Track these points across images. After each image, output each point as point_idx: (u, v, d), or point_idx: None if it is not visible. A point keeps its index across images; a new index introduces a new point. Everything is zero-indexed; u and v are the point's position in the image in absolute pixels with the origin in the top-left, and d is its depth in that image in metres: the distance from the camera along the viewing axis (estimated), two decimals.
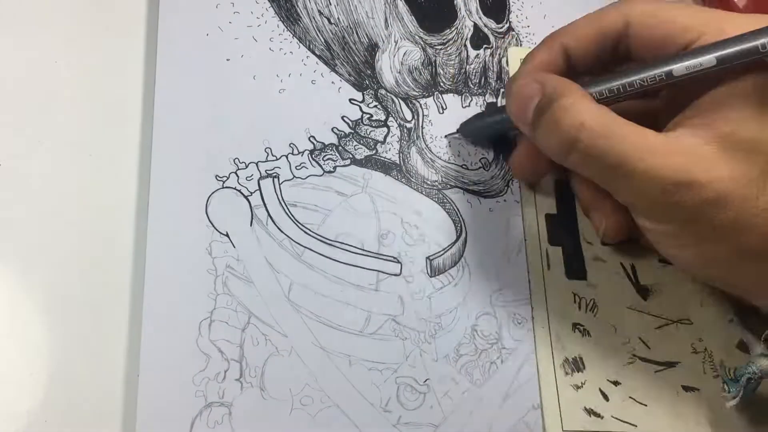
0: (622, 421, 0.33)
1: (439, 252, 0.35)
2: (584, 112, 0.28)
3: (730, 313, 0.34)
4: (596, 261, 0.36)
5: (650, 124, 0.29)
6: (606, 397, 0.33)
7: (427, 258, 0.35)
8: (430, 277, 0.35)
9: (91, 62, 0.37)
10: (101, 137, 0.35)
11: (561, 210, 0.37)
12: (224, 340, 0.32)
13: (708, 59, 0.28)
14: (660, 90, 0.32)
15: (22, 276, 0.32)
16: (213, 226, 0.34)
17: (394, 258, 0.35)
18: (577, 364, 0.33)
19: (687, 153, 0.27)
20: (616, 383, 0.33)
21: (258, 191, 0.35)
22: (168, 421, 0.30)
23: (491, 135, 0.38)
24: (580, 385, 0.33)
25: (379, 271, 0.34)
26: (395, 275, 0.34)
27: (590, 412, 0.33)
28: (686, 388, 0.34)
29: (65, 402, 0.30)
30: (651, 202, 0.28)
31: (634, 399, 0.33)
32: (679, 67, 0.29)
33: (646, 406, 0.33)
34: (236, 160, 0.35)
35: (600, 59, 0.32)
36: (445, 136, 0.38)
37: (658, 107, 0.33)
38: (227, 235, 0.34)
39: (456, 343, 0.33)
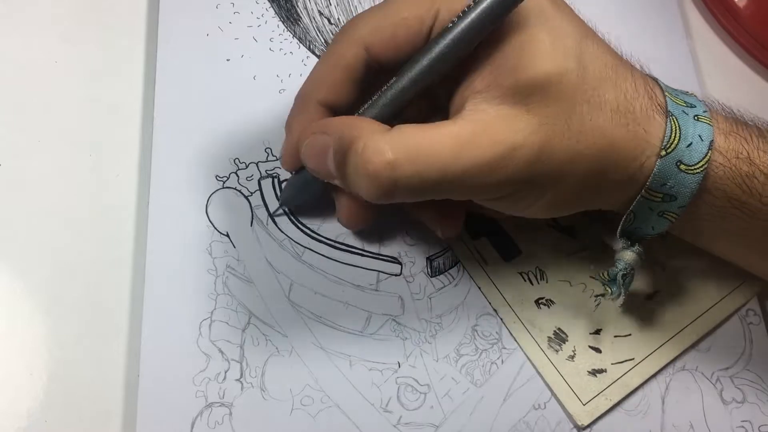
0: (620, 362, 0.33)
1: (439, 252, 0.35)
2: (383, 148, 0.26)
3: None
4: (518, 229, 0.36)
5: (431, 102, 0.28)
6: (598, 350, 0.34)
7: (428, 258, 0.35)
8: (431, 277, 0.35)
9: (91, 62, 0.37)
10: (101, 137, 0.35)
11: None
12: (225, 341, 0.32)
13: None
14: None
15: (22, 276, 0.32)
16: (213, 226, 0.34)
17: (395, 258, 0.35)
18: (559, 336, 0.34)
19: (490, 124, 0.26)
20: (597, 332, 0.34)
21: (258, 191, 0.35)
22: (168, 421, 0.30)
23: (313, 197, 0.34)
24: (573, 353, 0.33)
25: (379, 271, 0.34)
26: (395, 275, 0.34)
27: (594, 372, 0.33)
28: (648, 296, 0.35)
29: (65, 402, 0.30)
30: (487, 186, 0.27)
31: (618, 336, 0.34)
32: (446, 44, 0.27)
33: (630, 335, 0.34)
34: (236, 161, 0.35)
35: (360, 91, 0.31)
36: (273, 216, 0.35)
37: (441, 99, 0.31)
38: (227, 235, 0.34)
39: (456, 343, 0.33)
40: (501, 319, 0.34)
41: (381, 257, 0.35)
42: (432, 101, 0.31)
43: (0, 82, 0.36)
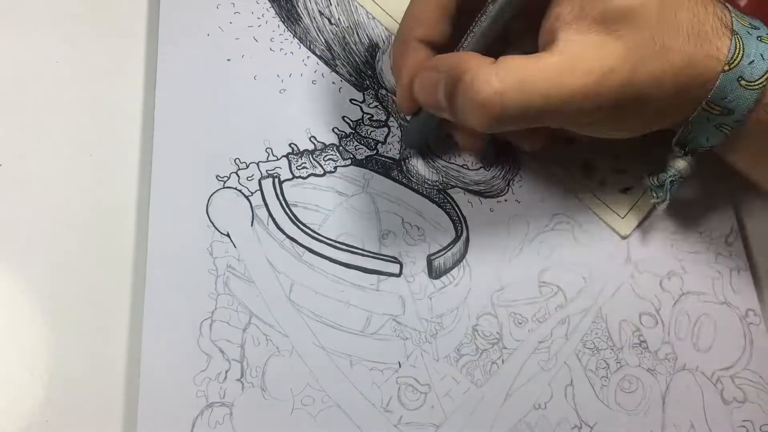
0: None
1: (439, 252, 0.35)
2: (491, 79, 0.28)
3: None
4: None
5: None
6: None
7: (428, 258, 0.35)
8: (431, 277, 0.35)
9: (91, 62, 0.37)
10: (102, 137, 0.35)
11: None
12: (225, 340, 0.32)
13: None
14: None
15: (22, 276, 0.32)
16: (214, 226, 0.34)
17: (395, 258, 0.35)
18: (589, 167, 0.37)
19: (584, 52, 0.28)
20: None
21: (259, 191, 0.35)
22: (169, 421, 0.30)
23: (432, 135, 0.37)
24: (602, 181, 0.37)
25: (379, 271, 0.34)
26: (396, 275, 0.34)
27: (624, 190, 0.37)
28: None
29: (66, 402, 0.30)
30: (584, 112, 0.29)
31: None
32: None
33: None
34: (237, 160, 0.35)
35: (455, 29, 0.33)
36: (403, 160, 0.37)
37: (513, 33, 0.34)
38: (228, 235, 0.34)
39: (457, 343, 0.33)
40: None
41: (381, 257, 0.35)
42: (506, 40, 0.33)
43: (0, 82, 0.36)
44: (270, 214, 0.35)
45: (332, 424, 0.31)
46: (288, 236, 0.34)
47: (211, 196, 0.35)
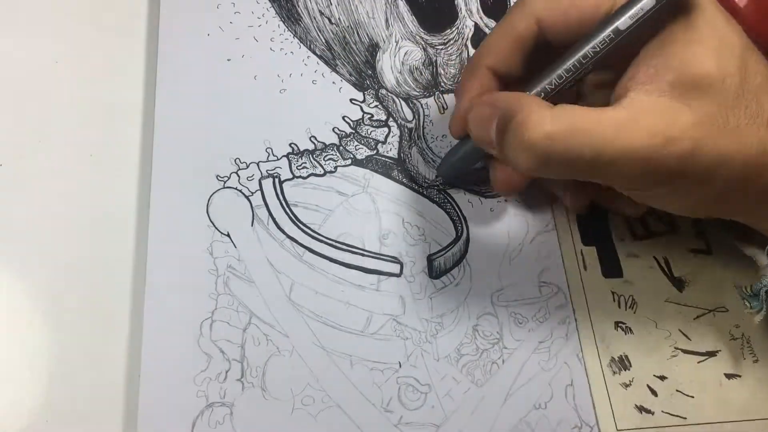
0: (671, 414, 0.33)
1: (440, 252, 0.35)
2: (544, 121, 0.27)
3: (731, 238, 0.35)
4: (630, 258, 0.36)
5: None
6: (654, 393, 0.33)
7: (428, 258, 0.35)
8: (431, 277, 0.35)
9: (91, 62, 0.37)
10: (102, 137, 0.35)
11: (591, 210, 0.36)
12: (225, 340, 0.32)
13: (646, 2, 0.27)
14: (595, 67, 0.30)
15: (23, 276, 0.32)
16: (214, 226, 0.34)
17: (395, 258, 0.35)
18: (623, 363, 0.34)
19: (650, 113, 0.27)
20: (662, 378, 0.34)
21: (259, 191, 0.35)
22: (169, 421, 0.30)
23: (468, 166, 0.35)
24: (629, 383, 0.33)
25: (380, 271, 0.34)
26: (396, 275, 0.34)
27: (641, 409, 0.33)
28: (729, 376, 0.34)
29: (66, 402, 0.30)
30: (636, 174, 0.28)
31: (681, 392, 0.34)
32: (623, 21, 0.28)
33: (693, 397, 0.34)
34: (237, 160, 0.35)
35: (527, 63, 0.32)
36: (432, 184, 0.37)
37: (588, 87, 0.34)
38: (228, 235, 0.34)
39: (457, 343, 0.33)
40: (576, 321, 0.34)
41: (382, 257, 0.35)
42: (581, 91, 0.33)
43: (0, 82, 0.36)
44: (270, 214, 0.35)
45: (332, 424, 0.31)
46: (288, 236, 0.34)
47: (211, 196, 0.35)
